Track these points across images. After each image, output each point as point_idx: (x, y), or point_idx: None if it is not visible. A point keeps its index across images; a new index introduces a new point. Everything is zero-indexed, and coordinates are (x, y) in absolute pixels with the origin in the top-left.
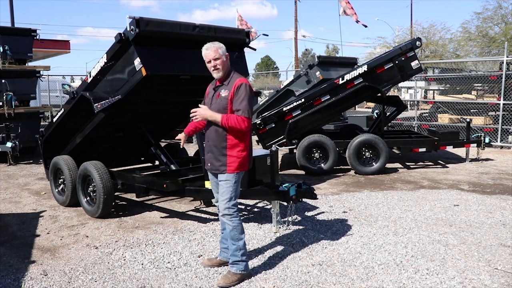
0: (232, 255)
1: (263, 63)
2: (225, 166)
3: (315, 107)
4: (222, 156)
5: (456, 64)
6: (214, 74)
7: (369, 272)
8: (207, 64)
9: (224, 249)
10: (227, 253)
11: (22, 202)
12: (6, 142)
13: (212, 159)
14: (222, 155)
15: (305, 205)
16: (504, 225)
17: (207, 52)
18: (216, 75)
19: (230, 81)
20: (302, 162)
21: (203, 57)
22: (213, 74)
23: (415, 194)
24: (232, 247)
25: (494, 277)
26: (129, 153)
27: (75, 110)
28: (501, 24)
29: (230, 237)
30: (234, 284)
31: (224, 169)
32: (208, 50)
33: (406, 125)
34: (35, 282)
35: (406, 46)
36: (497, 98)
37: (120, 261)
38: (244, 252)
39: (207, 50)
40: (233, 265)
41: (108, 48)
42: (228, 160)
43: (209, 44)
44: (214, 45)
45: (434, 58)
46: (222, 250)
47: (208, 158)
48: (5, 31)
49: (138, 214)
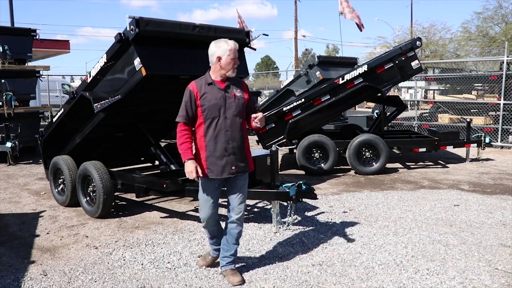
0: (232, 255)
1: (263, 63)
2: (248, 166)
3: (315, 107)
4: (245, 156)
5: (456, 64)
6: (231, 72)
7: (369, 272)
8: (232, 59)
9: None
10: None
11: (22, 202)
12: (6, 142)
13: (237, 161)
14: (245, 155)
15: (305, 205)
16: (505, 225)
17: (235, 47)
18: (233, 73)
19: (233, 80)
20: (302, 162)
21: (229, 52)
22: (231, 73)
23: (415, 194)
24: (234, 247)
25: (495, 277)
26: (129, 153)
27: (75, 110)
28: (501, 24)
29: (236, 238)
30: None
31: (248, 169)
32: (235, 45)
33: (406, 125)
34: (35, 282)
35: (406, 46)
36: (497, 98)
37: (120, 261)
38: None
39: (234, 45)
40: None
41: (108, 48)
42: (249, 160)
43: (232, 41)
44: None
45: (434, 58)
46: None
47: (231, 161)
48: (5, 31)
49: (138, 214)
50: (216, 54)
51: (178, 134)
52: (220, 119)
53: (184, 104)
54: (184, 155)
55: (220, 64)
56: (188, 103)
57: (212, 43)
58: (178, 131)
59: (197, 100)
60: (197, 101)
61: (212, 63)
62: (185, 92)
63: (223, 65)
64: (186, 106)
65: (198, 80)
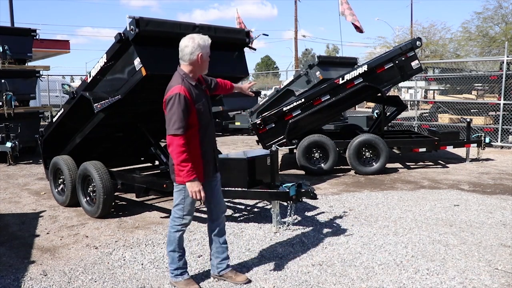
0: (226, 257)
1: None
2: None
3: (315, 107)
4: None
5: (456, 64)
6: (205, 71)
7: (369, 272)
8: (208, 56)
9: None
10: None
11: (22, 202)
12: (6, 142)
13: (215, 162)
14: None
15: (305, 205)
16: (505, 225)
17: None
18: (206, 71)
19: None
20: (302, 162)
21: (207, 48)
22: (205, 71)
23: (415, 194)
24: (224, 247)
25: (495, 277)
26: (129, 153)
27: (75, 110)
28: (501, 24)
29: (224, 235)
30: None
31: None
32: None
33: (406, 125)
34: (35, 282)
35: (406, 46)
36: (497, 98)
37: (120, 261)
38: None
39: (209, 41)
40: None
41: (108, 48)
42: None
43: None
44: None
45: (434, 58)
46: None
47: (215, 161)
48: (5, 31)
49: (138, 214)
50: (197, 51)
51: (177, 149)
52: (211, 121)
53: (182, 113)
54: (189, 174)
55: (200, 61)
56: (185, 110)
57: (187, 40)
58: (178, 145)
59: (192, 106)
60: (192, 107)
61: (190, 61)
62: (174, 99)
63: (203, 62)
64: (183, 115)
65: (180, 81)
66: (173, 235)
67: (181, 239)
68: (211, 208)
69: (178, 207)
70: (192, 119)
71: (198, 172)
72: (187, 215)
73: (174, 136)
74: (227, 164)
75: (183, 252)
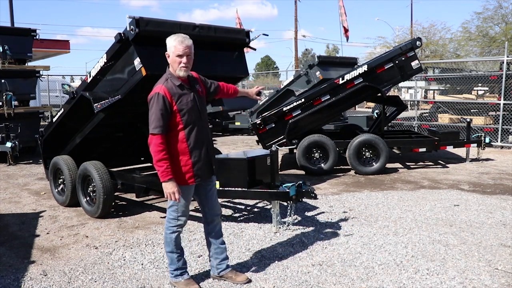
0: (226, 257)
1: (263, 63)
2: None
3: (315, 107)
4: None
5: (456, 64)
6: (183, 72)
7: (369, 272)
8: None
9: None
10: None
11: (22, 202)
12: (6, 142)
13: (213, 162)
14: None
15: (305, 205)
16: (505, 225)
17: (189, 44)
18: (185, 73)
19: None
20: (302, 162)
21: (181, 47)
22: (182, 72)
23: (415, 194)
24: (223, 248)
25: (495, 277)
26: (129, 153)
27: (75, 110)
28: (501, 24)
29: (221, 236)
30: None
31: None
32: (189, 42)
33: (406, 125)
34: (35, 282)
35: (406, 46)
36: (497, 98)
37: (120, 261)
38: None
39: (189, 41)
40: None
41: (108, 48)
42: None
43: (187, 37)
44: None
45: (434, 58)
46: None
47: (212, 163)
48: (5, 31)
49: (138, 214)
50: (169, 51)
51: (155, 148)
52: (200, 121)
53: (160, 113)
54: (164, 174)
55: (170, 61)
56: (164, 110)
57: (173, 39)
58: (155, 145)
59: (174, 106)
60: (173, 107)
61: (169, 61)
62: (154, 98)
63: (173, 62)
64: (161, 115)
65: (163, 81)
66: (169, 236)
67: (177, 239)
68: (205, 212)
69: (172, 208)
70: (174, 119)
71: (187, 172)
72: (181, 216)
73: (152, 135)
74: (227, 164)
75: (181, 253)
